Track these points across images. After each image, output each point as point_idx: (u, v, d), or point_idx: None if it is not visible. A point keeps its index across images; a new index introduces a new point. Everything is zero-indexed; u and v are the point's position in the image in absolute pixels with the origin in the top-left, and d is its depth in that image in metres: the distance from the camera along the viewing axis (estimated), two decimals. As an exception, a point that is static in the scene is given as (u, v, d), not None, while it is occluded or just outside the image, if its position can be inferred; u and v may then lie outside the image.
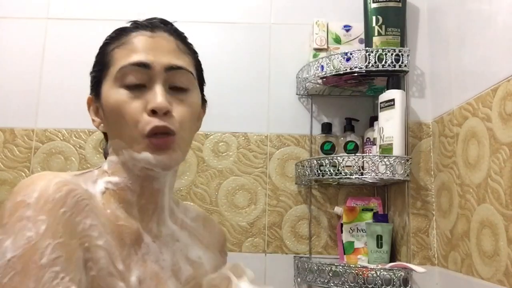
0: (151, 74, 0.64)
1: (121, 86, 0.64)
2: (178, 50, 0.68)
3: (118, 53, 0.65)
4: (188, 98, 0.67)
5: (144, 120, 0.62)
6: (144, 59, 0.63)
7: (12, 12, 1.44)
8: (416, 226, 1.20)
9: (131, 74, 0.63)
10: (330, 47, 1.30)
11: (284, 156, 1.36)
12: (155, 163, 0.62)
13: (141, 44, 0.65)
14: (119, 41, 0.67)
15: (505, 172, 0.85)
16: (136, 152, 0.63)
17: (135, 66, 0.63)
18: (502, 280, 0.85)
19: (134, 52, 0.64)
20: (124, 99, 0.63)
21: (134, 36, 0.66)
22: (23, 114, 1.38)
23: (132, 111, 0.62)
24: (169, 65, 0.65)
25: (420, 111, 1.27)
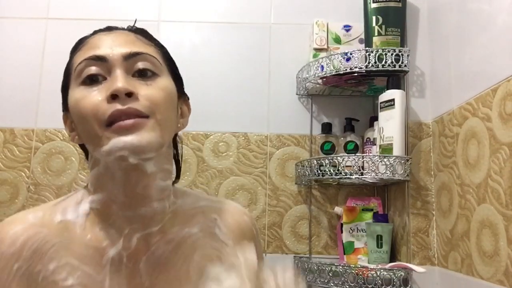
0: (109, 66, 0.58)
1: (80, 85, 0.59)
2: (138, 40, 0.62)
3: (76, 57, 0.62)
4: (157, 82, 0.60)
5: (104, 108, 0.55)
6: (100, 52, 0.59)
7: (12, 12, 1.44)
8: (416, 226, 1.20)
9: (88, 69, 0.59)
10: (330, 47, 1.30)
11: (284, 156, 1.36)
12: (122, 146, 0.54)
13: (97, 42, 0.61)
14: (77, 48, 0.64)
15: (505, 172, 0.85)
16: (102, 146, 0.55)
17: (90, 61, 0.59)
18: (502, 280, 0.85)
19: (89, 49, 0.60)
20: (82, 95, 0.58)
21: (90, 38, 0.63)
22: (23, 114, 1.38)
23: (89, 103, 0.56)
24: (127, 52, 0.59)
25: (420, 111, 1.27)
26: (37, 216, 0.60)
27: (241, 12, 1.43)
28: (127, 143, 0.54)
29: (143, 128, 0.55)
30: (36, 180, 1.34)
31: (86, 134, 0.59)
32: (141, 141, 0.55)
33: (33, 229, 0.57)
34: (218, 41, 1.42)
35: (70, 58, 0.65)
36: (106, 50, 0.59)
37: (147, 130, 0.55)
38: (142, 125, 0.55)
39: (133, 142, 0.54)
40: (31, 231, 0.57)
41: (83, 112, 0.57)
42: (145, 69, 0.60)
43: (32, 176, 1.34)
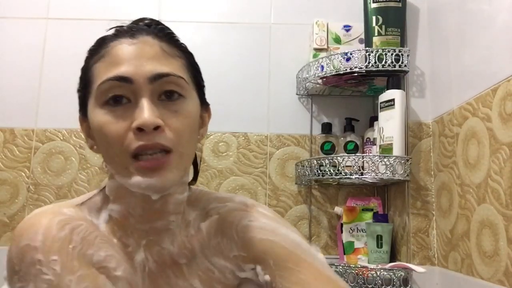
0: (134, 88, 0.55)
1: (103, 105, 0.56)
2: (164, 54, 0.59)
3: (97, 68, 0.58)
4: (183, 107, 0.58)
5: (129, 140, 0.54)
6: (124, 72, 0.55)
7: (12, 12, 1.44)
8: (416, 226, 1.20)
9: (112, 90, 0.55)
10: (330, 47, 1.30)
11: (284, 156, 1.36)
12: (145, 187, 0.55)
13: (120, 55, 0.57)
14: (98, 53, 0.59)
15: (505, 172, 0.85)
16: (126, 178, 0.55)
17: (114, 81, 0.55)
18: (502, 280, 0.85)
19: (113, 65, 0.56)
20: (107, 120, 0.55)
21: (113, 46, 0.58)
22: (23, 114, 1.38)
23: (115, 133, 0.55)
24: (153, 74, 0.56)
25: (420, 111, 1.27)
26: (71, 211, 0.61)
27: (241, 12, 1.43)
28: (150, 185, 0.54)
29: (166, 168, 0.55)
30: (36, 180, 1.34)
31: (109, 158, 0.58)
32: (164, 182, 0.55)
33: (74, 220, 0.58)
34: (218, 41, 1.42)
35: (88, 62, 0.61)
36: (131, 69, 0.55)
37: (170, 169, 0.55)
38: (165, 165, 0.55)
39: (156, 184, 0.55)
40: (74, 222, 0.58)
41: (109, 139, 0.55)
42: (172, 92, 0.57)
43: (32, 176, 1.34)
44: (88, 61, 0.61)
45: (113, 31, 0.61)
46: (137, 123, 0.53)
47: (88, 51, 0.62)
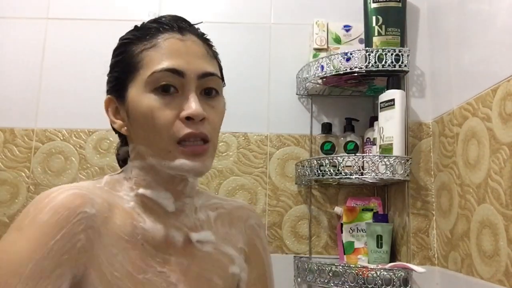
0: (184, 81, 0.62)
1: (153, 92, 0.62)
2: (208, 55, 0.67)
3: (148, 56, 0.63)
4: (219, 103, 0.67)
5: (177, 127, 0.61)
6: (178, 66, 0.62)
7: (12, 12, 1.44)
8: (416, 226, 1.20)
9: (164, 79, 0.61)
10: (330, 47, 1.30)
11: (284, 156, 1.36)
12: (189, 169, 0.61)
13: (173, 49, 0.63)
14: (147, 42, 0.64)
15: (505, 172, 0.85)
16: (168, 160, 0.62)
17: (169, 72, 0.61)
18: (502, 280, 0.85)
19: (166, 56, 0.62)
20: (156, 106, 0.61)
21: (164, 38, 0.64)
22: (23, 114, 1.38)
23: (165, 118, 0.61)
24: (202, 72, 0.63)
25: (420, 111, 1.27)
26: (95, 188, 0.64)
27: (241, 12, 1.43)
28: (193, 168, 0.62)
29: (206, 155, 0.63)
30: (36, 180, 1.34)
31: (146, 139, 0.63)
32: (204, 167, 0.63)
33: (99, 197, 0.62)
34: (218, 41, 1.41)
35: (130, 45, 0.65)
36: (183, 64, 0.62)
37: (208, 156, 0.63)
38: (206, 152, 0.63)
39: (199, 168, 0.62)
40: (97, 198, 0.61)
41: (157, 124, 0.61)
42: (212, 89, 0.65)
43: (32, 176, 1.34)
44: (131, 47, 0.65)
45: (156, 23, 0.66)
46: (187, 113, 0.60)
47: (129, 38, 0.66)
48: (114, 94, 0.67)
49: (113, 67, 0.68)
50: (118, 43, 0.69)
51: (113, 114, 0.68)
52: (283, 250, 1.31)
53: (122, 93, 0.65)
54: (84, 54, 1.41)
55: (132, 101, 0.63)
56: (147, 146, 0.64)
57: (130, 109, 0.64)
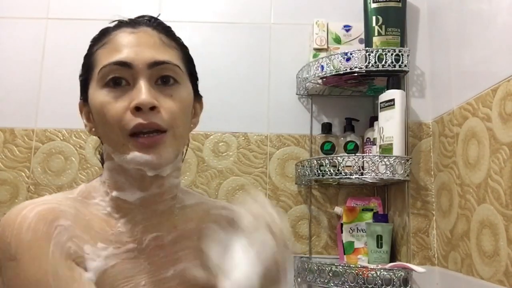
0: (134, 72, 0.60)
1: (104, 87, 0.61)
2: (162, 44, 0.64)
3: (100, 54, 0.63)
4: (178, 92, 0.63)
5: (127, 118, 0.59)
6: (125, 57, 0.60)
7: (12, 12, 1.44)
8: (416, 226, 1.20)
9: (113, 73, 0.60)
10: (330, 47, 1.30)
11: (284, 156, 1.36)
12: (142, 162, 0.59)
13: (122, 42, 0.62)
14: (101, 41, 0.65)
15: (505, 172, 0.85)
16: (124, 154, 0.60)
17: (116, 66, 0.60)
18: (502, 280, 0.85)
19: (115, 50, 0.62)
20: (107, 100, 0.60)
21: (115, 34, 0.64)
22: (23, 114, 1.38)
23: (115, 111, 0.59)
24: (151, 60, 0.61)
25: (420, 111, 1.27)
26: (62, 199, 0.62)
27: (241, 12, 1.43)
28: (147, 161, 0.59)
29: (161, 145, 0.60)
30: (36, 180, 1.34)
31: (107, 137, 0.63)
32: (159, 159, 0.59)
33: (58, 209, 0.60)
34: (218, 41, 1.42)
35: (91, 49, 0.67)
36: (131, 55, 0.61)
37: (165, 146, 0.60)
38: (160, 142, 0.59)
39: (152, 160, 0.59)
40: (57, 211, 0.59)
41: (108, 119, 0.60)
42: (168, 77, 0.63)
43: (32, 176, 1.34)
44: (91, 49, 0.66)
45: (115, 23, 0.67)
46: (135, 103, 0.58)
47: (92, 40, 0.68)
48: (82, 97, 0.68)
49: (80, 71, 0.69)
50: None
51: (86, 117, 0.68)
52: (283, 250, 1.31)
53: (86, 95, 0.65)
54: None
55: (90, 101, 0.63)
56: (107, 143, 0.63)
57: (91, 109, 0.64)
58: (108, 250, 0.59)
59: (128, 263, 0.60)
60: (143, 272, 0.61)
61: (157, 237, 0.64)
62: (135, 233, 0.63)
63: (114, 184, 0.64)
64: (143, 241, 0.63)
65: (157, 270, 0.63)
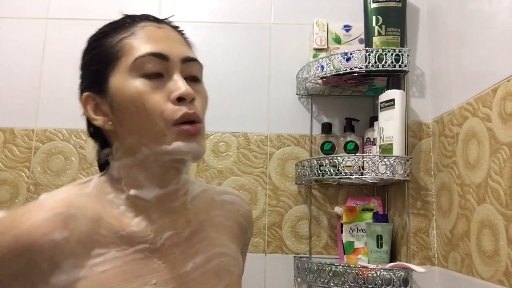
0: (169, 65, 0.61)
1: (139, 76, 0.60)
2: (185, 42, 0.66)
3: (128, 44, 0.62)
4: (203, 90, 0.66)
5: (170, 108, 0.59)
6: (162, 50, 0.61)
7: (12, 12, 1.44)
8: (416, 226, 1.20)
9: (149, 63, 0.60)
10: (330, 47, 1.30)
11: (284, 156, 1.36)
12: (187, 150, 0.59)
13: (153, 35, 0.62)
14: (126, 30, 0.63)
15: (505, 172, 0.85)
16: (165, 145, 0.59)
17: (153, 57, 0.60)
18: (502, 280, 0.85)
19: (149, 42, 0.61)
20: (145, 89, 0.59)
21: (141, 26, 0.63)
22: (23, 114, 1.38)
23: (156, 101, 0.59)
24: (184, 56, 0.63)
25: (420, 111, 1.27)
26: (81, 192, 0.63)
27: (241, 12, 1.43)
28: (191, 149, 0.60)
29: (201, 134, 0.62)
30: (36, 180, 1.34)
31: (136, 128, 0.60)
32: (201, 148, 0.61)
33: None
34: (218, 41, 1.42)
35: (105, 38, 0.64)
36: (166, 48, 0.61)
37: (202, 137, 0.62)
38: (199, 132, 0.61)
39: (196, 148, 0.60)
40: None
41: (148, 108, 0.59)
42: (196, 76, 0.65)
43: (32, 176, 1.34)
44: (108, 39, 0.64)
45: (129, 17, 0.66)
46: (179, 93, 0.59)
47: (105, 30, 0.66)
48: (93, 89, 0.64)
49: (88, 63, 0.66)
50: (89, 41, 0.68)
51: (93, 111, 0.64)
52: (283, 250, 1.31)
53: (102, 86, 0.62)
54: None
55: (116, 90, 0.61)
56: (139, 135, 0.61)
57: (114, 100, 0.61)
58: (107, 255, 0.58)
59: (135, 264, 0.59)
60: (155, 271, 0.60)
61: (173, 235, 0.64)
62: (148, 233, 0.62)
63: (133, 182, 0.63)
64: (157, 241, 0.62)
65: (173, 267, 0.62)
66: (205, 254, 0.65)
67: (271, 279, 1.29)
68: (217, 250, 0.67)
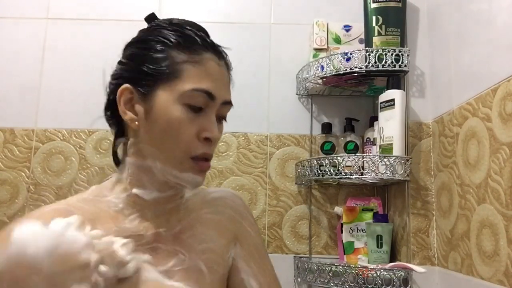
0: (212, 104, 0.66)
1: (184, 105, 0.64)
2: (230, 83, 0.73)
3: (191, 71, 0.65)
4: (222, 128, 0.72)
5: (195, 145, 0.65)
6: (214, 90, 0.66)
7: (12, 12, 1.44)
8: (416, 226, 1.20)
9: (199, 98, 0.65)
10: (330, 47, 1.30)
11: (284, 156, 1.36)
12: (193, 182, 0.66)
13: (212, 71, 0.67)
14: (191, 56, 0.66)
15: (505, 172, 0.85)
16: (177, 170, 0.65)
17: (204, 94, 0.65)
18: (502, 280, 0.85)
19: (207, 78, 0.66)
20: (184, 120, 0.64)
21: (207, 58, 0.67)
22: (23, 114, 1.38)
23: (188, 134, 0.64)
24: (226, 99, 0.69)
25: (420, 111, 1.27)
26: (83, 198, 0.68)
27: (241, 12, 1.43)
28: (198, 182, 0.67)
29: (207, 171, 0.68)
30: (36, 180, 1.34)
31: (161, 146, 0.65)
32: (203, 181, 0.68)
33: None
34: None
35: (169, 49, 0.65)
36: (216, 89, 0.66)
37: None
38: (208, 168, 0.68)
39: (200, 182, 0.67)
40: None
41: (180, 137, 0.64)
42: (225, 117, 0.72)
43: (32, 176, 1.34)
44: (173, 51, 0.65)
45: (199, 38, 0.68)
46: (209, 135, 0.65)
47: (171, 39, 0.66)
48: (135, 85, 0.66)
49: (141, 59, 0.66)
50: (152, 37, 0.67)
51: (126, 105, 0.66)
52: (283, 250, 1.31)
53: (148, 90, 0.65)
54: (84, 54, 1.41)
55: (160, 105, 0.64)
56: (159, 150, 0.65)
57: (154, 111, 0.64)
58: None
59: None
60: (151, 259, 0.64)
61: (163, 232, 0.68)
62: (140, 229, 0.66)
63: (137, 182, 0.68)
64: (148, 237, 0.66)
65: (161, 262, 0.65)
66: (191, 250, 0.69)
67: (271, 279, 1.29)
68: (204, 246, 0.70)
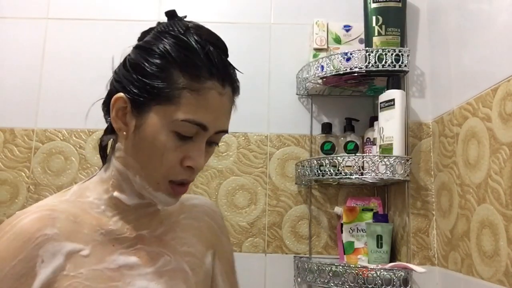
0: (203, 133, 0.63)
1: (173, 132, 0.61)
2: (231, 110, 0.69)
3: (188, 99, 0.61)
4: (212, 150, 0.69)
5: (177, 171, 0.63)
6: (207, 122, 0.62)
7: (12, 12, 1.44)
8: (416, 226, 1.20)
9: (189, 128, 0.62)
10: (330, 47, 1.30)
11: (284, 156, 1.36)
12: (165, 202, 0.66)
13: (211, 104, 0.62)
14: (191, 82, 0.61)
15: (505, 172, 0.85)
16: (152, 189, 0.64)
17: (197, 126, 0.62)
18: (502, 280, 0.85)
19: (203, 110, 0.62)
20: (170, 147, 0.62)
21: (208, 87, 0.62)
22: (23, 114, 1.38)
23: (171, 160, 0.63)
24: (221, 129, 0.66)
25: (420, 111, 1.27)
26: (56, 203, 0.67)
27: (241, 12, 1.43)
28: (169, 203, 0.67)
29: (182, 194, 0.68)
30: (36, 180, 1.34)
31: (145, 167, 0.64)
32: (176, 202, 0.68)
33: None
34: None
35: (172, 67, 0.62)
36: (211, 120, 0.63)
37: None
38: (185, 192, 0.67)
39: (172, 204, 0.67)
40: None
41: (162, 162, 0.63)
42: (217, 143, 0.69)
43: (32, 176, 1.34)
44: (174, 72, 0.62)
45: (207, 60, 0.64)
46: (192, 164, 0.63)
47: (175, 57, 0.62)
48: (131, 97, 0.63)
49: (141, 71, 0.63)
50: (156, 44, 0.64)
51: (117, 112, 0.64)
52: (283, 250, 1.31)
53: (142, 107, 0.62)
54: (84, 54, 1.41)
55: (150, 126, 0.62)
56: (141, 168, 0.65)
57: (144, 129, 0.62)
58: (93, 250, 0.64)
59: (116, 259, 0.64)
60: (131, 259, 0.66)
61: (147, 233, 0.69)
62: (124, 231, 0.67)
63: (119, 186, 0.68)
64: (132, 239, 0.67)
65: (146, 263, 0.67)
66: (175, 252, 0.70)
67: (271, 279, 1.29)
68: (185, 249, 0.72)
